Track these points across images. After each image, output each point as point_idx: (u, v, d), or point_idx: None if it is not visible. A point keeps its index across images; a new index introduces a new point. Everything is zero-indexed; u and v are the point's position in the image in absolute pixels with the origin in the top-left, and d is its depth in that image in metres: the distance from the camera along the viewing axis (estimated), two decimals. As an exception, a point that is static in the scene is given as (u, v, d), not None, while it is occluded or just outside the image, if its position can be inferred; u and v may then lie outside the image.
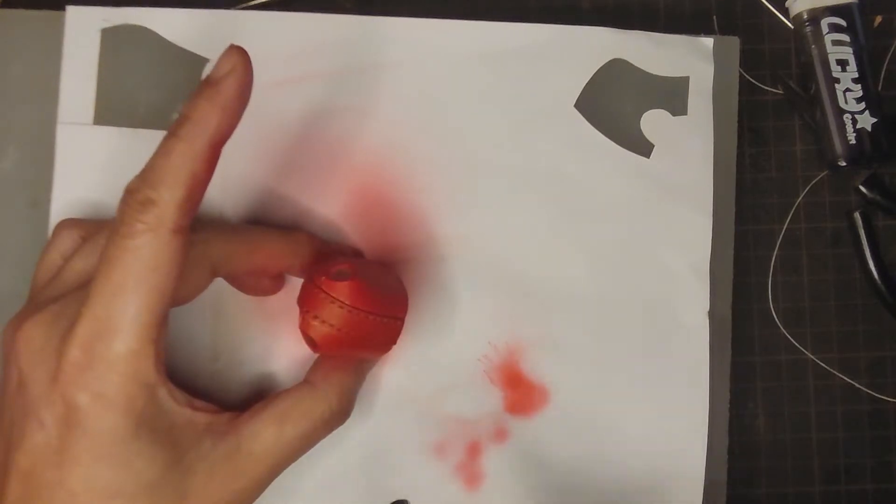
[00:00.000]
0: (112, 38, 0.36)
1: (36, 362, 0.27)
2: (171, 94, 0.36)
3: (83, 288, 0.28)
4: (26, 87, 0.36)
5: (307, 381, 0.32)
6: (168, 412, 0.28)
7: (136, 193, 0.27)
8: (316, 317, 0.30)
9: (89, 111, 0.36)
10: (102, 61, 0.36)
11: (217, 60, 0.28)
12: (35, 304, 0.30)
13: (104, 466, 0.27)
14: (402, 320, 0.33)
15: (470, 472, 0.36)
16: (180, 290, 0.29)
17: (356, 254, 0.36)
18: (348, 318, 0.30)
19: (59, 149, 0.36)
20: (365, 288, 0.31)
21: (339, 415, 0.32)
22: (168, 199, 0.27)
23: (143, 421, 0.27)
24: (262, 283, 0.34)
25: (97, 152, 0.36)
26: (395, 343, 0.33)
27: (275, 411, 0.30)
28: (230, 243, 0.31)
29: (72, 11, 0.36)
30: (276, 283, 0.35)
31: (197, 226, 0.30)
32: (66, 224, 0.33)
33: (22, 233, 0.36)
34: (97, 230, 0.31)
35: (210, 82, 0.28)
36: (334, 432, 0.33)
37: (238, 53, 0.28)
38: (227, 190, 0.36)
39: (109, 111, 0.36)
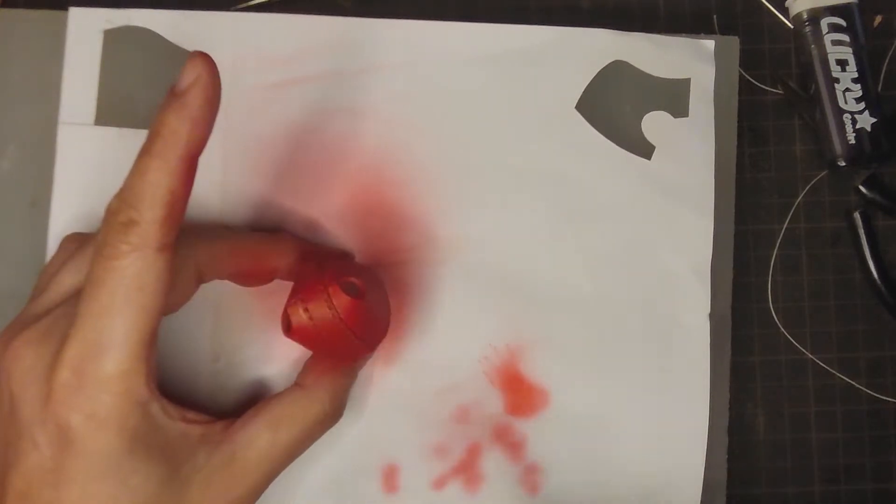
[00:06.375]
0: (114, 40, 0.36)
1: (27, 383, 0.27)
2: (172, 95, 0.36)
3: (69, 304, 0.28)
4: (27, 87, 0.36)
5: (298, 384, 0.32)
6: (161, 427, 0.28)
7: (118, 214, 0.26)
8: (306, 309, 0.30)
9: (90, 112, 0.36)
10: (104, 62, 0.36)
11: (181, 70, 0.27)
12: (23, 319, 0.29)
13: (100, 485, 0.27)
14: (373, 350, 0.34)
15: (470, 473, 0.36)
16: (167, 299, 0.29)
17: (344, 255, 0.36)
18: (331, 326, 0.30)
19: (59, 149, 0.36)
20: (363, 312, 0.31)
21: (332, 415, 0.32)
22: (149, 218, 0.26)
23: (136, 438, 0.27)
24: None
25: (98, 153, 0.36)
26: (351, 362, 0.33)
27: (268, 417, 0.30)
28: (212, 247, 0.31)
29: (74, 13, 0.36)
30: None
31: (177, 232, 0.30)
32: (69, 238, 0.33)
33: (22, 233, 0.36)
34: (88, 244, 0.31)
35: (175, 94, 0.27)
36: (335, 433, 0.33)
37: (202, 60, 0.27)
38: (226, 192, 0.36)
39: (111, 112, 0.36)
